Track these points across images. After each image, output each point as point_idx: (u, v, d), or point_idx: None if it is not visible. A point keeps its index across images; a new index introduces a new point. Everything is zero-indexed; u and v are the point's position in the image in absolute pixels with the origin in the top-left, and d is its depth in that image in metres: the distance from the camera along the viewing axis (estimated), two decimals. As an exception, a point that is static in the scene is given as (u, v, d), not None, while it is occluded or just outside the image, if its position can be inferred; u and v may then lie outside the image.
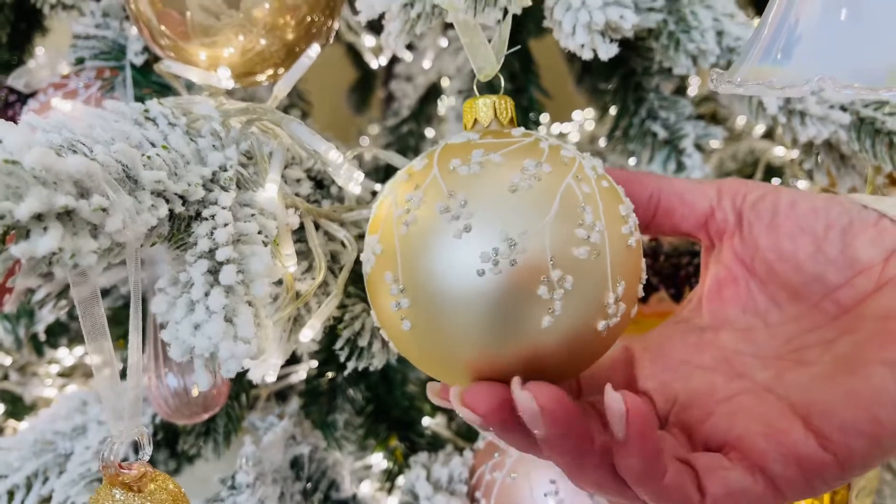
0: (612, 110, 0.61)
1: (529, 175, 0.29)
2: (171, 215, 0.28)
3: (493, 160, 0.30)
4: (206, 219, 0.29)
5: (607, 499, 0.31)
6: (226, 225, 0.29)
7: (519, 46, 0.35)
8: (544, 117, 0.72)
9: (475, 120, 0.35)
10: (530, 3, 0.35)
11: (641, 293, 0.33)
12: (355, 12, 0.40)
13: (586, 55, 0.38)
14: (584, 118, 0.99)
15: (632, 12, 0.38)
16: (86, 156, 0.26)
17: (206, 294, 0.27)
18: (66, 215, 0.23)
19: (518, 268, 0.28)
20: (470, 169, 0.30)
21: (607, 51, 0.38)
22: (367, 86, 1.06)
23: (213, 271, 0.28)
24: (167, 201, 0.28)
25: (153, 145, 0.30)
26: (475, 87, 0.36)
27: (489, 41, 0.35)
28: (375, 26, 0.41)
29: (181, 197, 0.29)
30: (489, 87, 0.49)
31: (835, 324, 0.31)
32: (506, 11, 0.34)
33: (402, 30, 0.37)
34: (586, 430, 0.27)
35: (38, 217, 0.22)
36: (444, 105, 0.81)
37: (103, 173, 0.25)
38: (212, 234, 0.29)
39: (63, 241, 0.22)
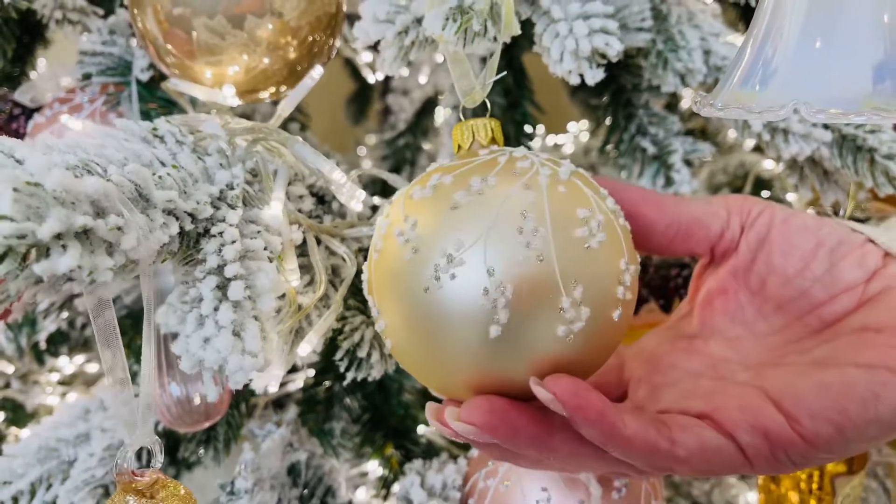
0: (606, 122, 0.62)
1: (473, 192, 0.30)
2: (182, 232, 0.30)
3: (444, 182, 0.31)
4: (215, 236, 0.30)
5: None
6: (233, 242, 0.30)
7: (504, 73, 0.36)
8: (540, 129, 0.73)
9: (459, 145, 0.36)
10: (519, 32, 0.37)
11: (626, 295, 0.31)
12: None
13: (573, 80, 0.40)
14: (578, 129, 1.01)
15: (617, 39, 0.39)
16: (101, 176, 0.27)
17: (216, 309, 0.28)
18: (84, 234, 0.24)
19: (458, 282, 0.28)
20: (424, 193, 0.31)
21: (594, 76, 0.39)
22: (364, 97, 1.08)
23: (222, 287, 0.29)
24: (177, 219, 0.30)
25: (163, 164, 0.31)
26: (461, 113, 0.37)
27: (484, 64, 0.36)
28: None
29: (190, 215, 0.30)
30: (476, 111, 0.51)
31: (816, 336, 0.33)
32: (496, 40, 0.36)
33: (397, 56, 0.38)
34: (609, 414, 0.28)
35: (58, 236, 0.23)
36: (440, 119, 0.82)
37: (118, 193, 0.26)
38: (220, 250, 0.30)
39: (81, 259, 0.24)
